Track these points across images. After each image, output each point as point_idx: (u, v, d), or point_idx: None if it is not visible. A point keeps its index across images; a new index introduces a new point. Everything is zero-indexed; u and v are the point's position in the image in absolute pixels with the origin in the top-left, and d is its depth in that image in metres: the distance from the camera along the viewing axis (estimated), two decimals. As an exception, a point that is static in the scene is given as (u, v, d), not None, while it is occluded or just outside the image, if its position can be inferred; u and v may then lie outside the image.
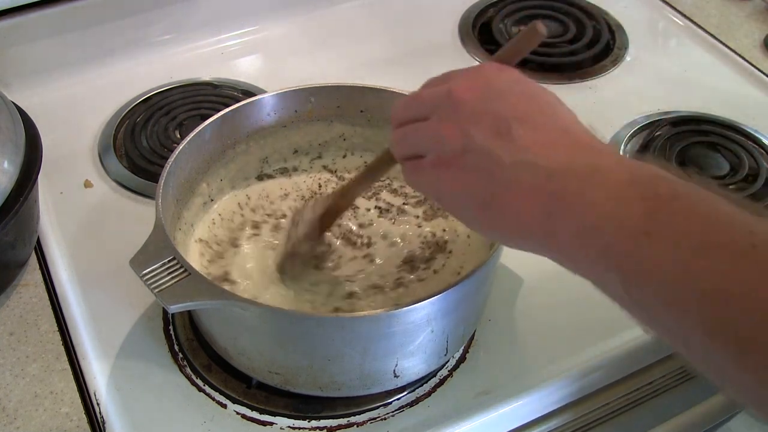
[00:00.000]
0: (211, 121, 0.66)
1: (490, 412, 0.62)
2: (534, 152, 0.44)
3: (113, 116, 0.86)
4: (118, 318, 0.67)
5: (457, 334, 0.61)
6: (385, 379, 0.60)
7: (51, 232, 0.73)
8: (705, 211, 0.39)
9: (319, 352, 0.57)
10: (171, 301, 0.52)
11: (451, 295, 0.55)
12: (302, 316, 0.58)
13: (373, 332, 0.55)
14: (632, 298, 0.40)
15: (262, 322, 0.56)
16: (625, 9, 1.05)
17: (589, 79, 0.94)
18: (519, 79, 0.49)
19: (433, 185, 0.49)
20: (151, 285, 0.53)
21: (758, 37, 1.01)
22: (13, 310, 0.68)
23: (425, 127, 0.49)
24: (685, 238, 0.38)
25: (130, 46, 0.93)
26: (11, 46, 0.87)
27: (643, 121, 0.88)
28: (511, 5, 1.04)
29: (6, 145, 0.64)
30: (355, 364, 0.57)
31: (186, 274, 0.53)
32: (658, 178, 0.41)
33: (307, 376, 0.58)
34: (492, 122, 0.45)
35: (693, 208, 0.39)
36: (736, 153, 0.84)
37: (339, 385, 0.59)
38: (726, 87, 0.94)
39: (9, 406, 0.61)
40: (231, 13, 0.97)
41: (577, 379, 0.65)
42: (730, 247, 0.37)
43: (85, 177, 0.79)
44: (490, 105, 0.46)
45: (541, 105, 0.47)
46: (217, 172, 0.70)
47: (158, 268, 0.54)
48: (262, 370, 0.60)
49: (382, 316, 0.54)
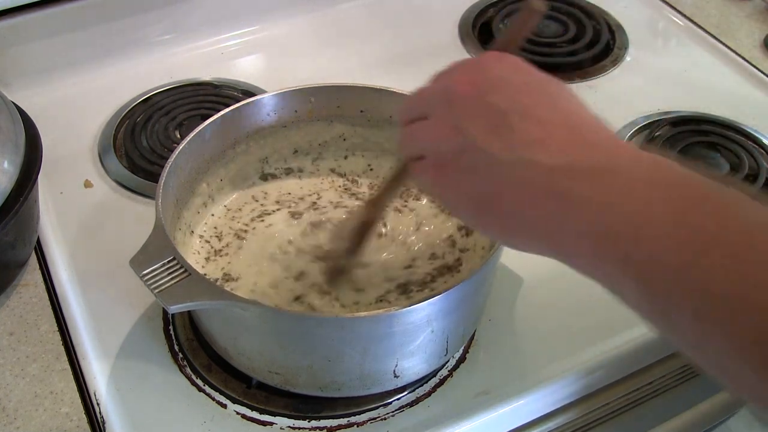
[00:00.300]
0: (211, 121, 0.66)
1: (490, 412, 0.62)
2: (536, 149, 0.41)
3: (113, 116, 0.86)
4: (118, 318, 0.67)
5: (457, 334, 0.61)
6: (385, 380, 0.60)
7: (51, 232, 0.73)
8: (735, 212, 0.36)
9: (319, 352, 0.57)
10: (171, 302, 0.52)
11: (451, 296, 0.55)
12: (302, 316, 0.58)
13: (373, 333, 0.55)
14: (653, 307, 0.38)
15: (262, 323, 0.56)
16: (625, 9, 1.05)
17: (589, 79, 0.94)
18: (520, 68, 0.46)
19: (434, 187, 0.47)
20: (151, 285, 0.53)
21: (758, 37, 1.01)
22: (13, 310, 0.68)
23: (423, 127, 0.47)
24: (719, 245, 0.35)
25: (130, 46, 0.93)
26: (11, 46, 0.87)
27: (643, 121, 0.88)
28: (511, 5, 1.04)
29: (6, 145, 0.64)
30: (355, 365, 0.57)
31: (186, 274, 0.53)
32: (682, 179, 0.38)
33: (308, 376, 0.58)
34: (489, 118, 0.43)
35: (725, 211, 0.36)
36: (736, 153, 0.84)
37: (339, 385, 0.59)
38: (726, 87, 0.94)
39: (9, 406, 0.61)
40: (231, 13, 0.97)
41: (577, 379, 0.65)
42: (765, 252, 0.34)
43: (85, 177, 0.79)
44: (488, 99, 0.43)
45: (544, 96, 0.44)
46: (217, 172, 0.70)
47: (158, 268, 0.54)
48: (262, 370, 0.60)
49: (382, 317, 0.54)
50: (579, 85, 0.93)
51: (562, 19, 1.02)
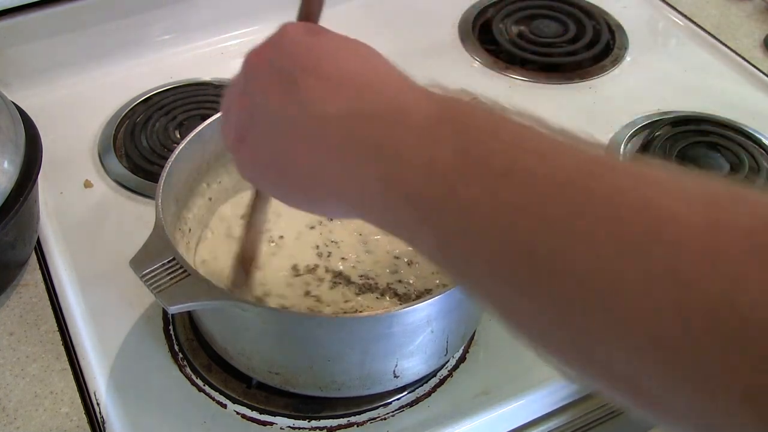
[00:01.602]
0: (211, 121, 0.66)
1: (490, 412, 0.62)
2: (324, 102, 0.39)
3: (113, 116, 0.86)
4: (118, 318, 0.67)
5: (457, 334, 0.61)
6: (385, 380, 0.60)
7: (51, 232, 0.73)
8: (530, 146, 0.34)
9: (320, 352, 0.57)
10: (171, 302, 0.52)
11: (451, 296, 0.55)
12: (303, 317, 0.58)
13: (374, 333, 0.55)
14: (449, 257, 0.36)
15: (262, 323, 0.56)
16: (625, 9, 1.05)
17: (589, 79, 0.94)
18: (314, 31, 0.43)
19: (240, 165, 0.45)
20: (151, 285, 0.53)
21: (758, 37, 1.01)
22: (13, 310, 0.68)
23: (226, 107, 0.46)
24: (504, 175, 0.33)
25: (130, 46, 0.93)
26: (11, 46, 0.87)
27: (643, 121, 0.87)
28: (511, 5, 1.04)
29: (6, 145, 0.64)
30: (355, 365, 0.57)
31: (186, 274, 0.53)
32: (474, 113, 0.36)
33: (308, 376, 0.58)
34: (278, 80, 0.41)
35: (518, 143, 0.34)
36: (736, 153, 0.84)
37: (339, 385, 0.59)
38: (726, 87, 0.94)
39: (9, 406, 0.61)
40: (231, 13, 0.97)
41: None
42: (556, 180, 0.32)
43: (85, 177, 0.79)
44: (275, 62, 0.42)
45: (338, 52, 0.42)
46: (216, 171, 0.70)
47: (158, 268, 0.53)
48: (262, 370, 0.60)
49: (382, 317, 0.54)
50: (579, 85, 0.93)
51: (562, 19, 1.01)
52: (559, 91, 0.93)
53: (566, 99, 0.92)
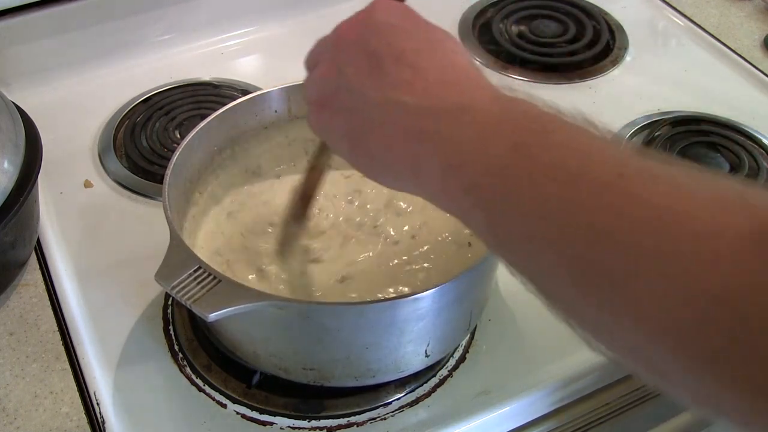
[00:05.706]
0: (210, 121, 0.67)
1: (490, 412, 0.62)
2: (404, 91, 0.43)
3: (113, 116, 0.86)
4: (118, 318, 0.67)
5: (479, 306, 0.63)
6: (417, 361, 0.60)
7: (51, 232, 0.73)
8: (578, 146, 0.38)
9: (359, 341, 0.56)
10: (209, 310, 0.51)
11: (480, 267, 0.56)
12: (344, 308, 0.57)
13: (411, 314, 0.55)
14: (497, 237, 0.40)
15: (300, 319, 0.55)
16: (625, 9, 1.05)
17: (589, 79, 0.94)
18: (407, 15, 0.47)
19: (316, 125, 0.50)
20: (184, 297, 0.51)
21: (758, 37, 1.01)
22: (13, 310, 0.68)
23: (314, 72, 0.50)
24: (551, 171, 0.37)
25: (130, 46, 0.93)
26: (11, 46, 0.87)
27: (643, 121, 0.88)
28: (511, 5, 1.04)
29: (6, 145, 0.64)
30: (392, 349, 0.57)
31: (216, 281, 0.52)
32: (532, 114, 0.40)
33: (344, 367, 0.58)
34: (366, 60, 0.45)
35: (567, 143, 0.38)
36: (736, 153, 0.84)
37: (374, 372, 0.59)
38: (726, 87, 0.94)
39: (9, 406, 0.61)
40: (231, 13, 0.97)
41: (577, 379, 0.65)
42: (598, 180, 0.36)
43: (85, 177, 0.79)
44: (368, 43, 0.45)
45: (424, 42, 0.46)
46: (215, 172, 0.70)
47: (186, 279, 0.52)
48: (295, 368, 0.59)
49: (423, 296, 0.54)
50: (579, 85, 0.93)
51: (562, 19, 1.02)
52: (559, 91, 0.93)
53: (566, 99, 0.90)
